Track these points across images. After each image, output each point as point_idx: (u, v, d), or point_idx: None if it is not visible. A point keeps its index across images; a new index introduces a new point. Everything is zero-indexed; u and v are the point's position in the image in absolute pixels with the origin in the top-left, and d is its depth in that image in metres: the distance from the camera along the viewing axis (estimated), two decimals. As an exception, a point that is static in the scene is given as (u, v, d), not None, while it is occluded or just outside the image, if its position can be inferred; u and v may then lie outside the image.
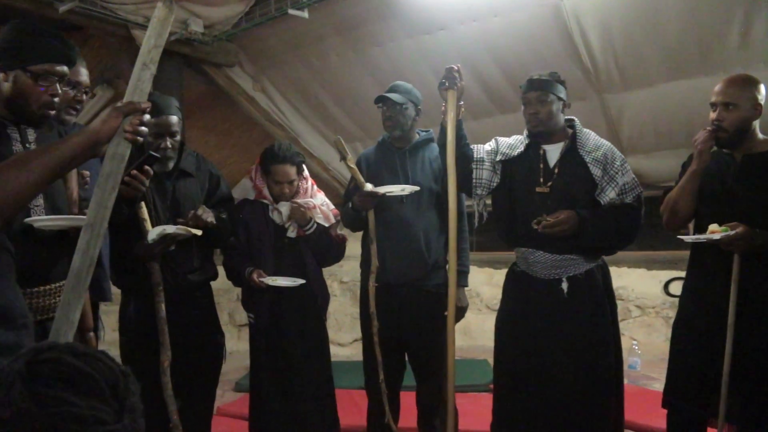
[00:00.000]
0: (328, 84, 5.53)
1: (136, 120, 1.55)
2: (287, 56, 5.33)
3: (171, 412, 2.64)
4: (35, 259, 1.96)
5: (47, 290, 2.01)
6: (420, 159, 3.29)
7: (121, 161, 1.54)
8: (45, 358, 0.79)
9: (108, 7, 4.31)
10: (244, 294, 3.33)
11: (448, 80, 2.86)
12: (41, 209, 2.01)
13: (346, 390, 4.34)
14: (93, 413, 0.75)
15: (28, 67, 1.93)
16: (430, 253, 3.20)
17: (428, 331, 3.20)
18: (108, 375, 0.80)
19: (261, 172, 3.22)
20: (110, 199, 1.51)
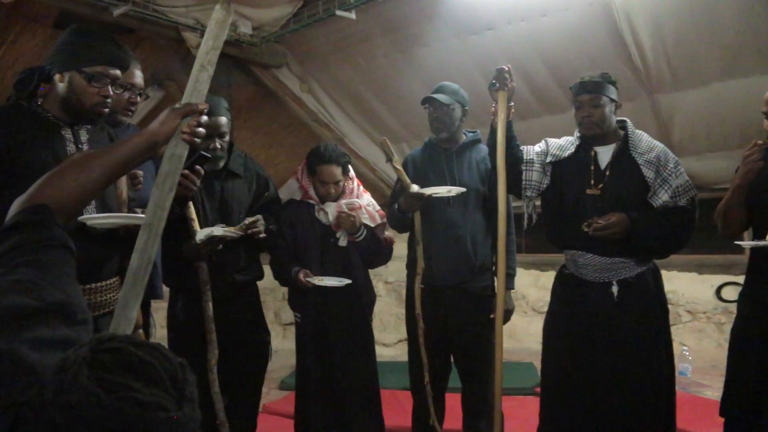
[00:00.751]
0: (374, 85, 5.53)
1: (194, 121, 1.56)
2: (334, 57, 5.35)
3: (218, 409, 2.68)
4: (88, 257, 2.00)
5: (99, 287, 2.06)
6: (467, 160, 3.27)
7: (179, 162, 1.55)
8: (107, 347, 0.80)
9: (159, 10, 4.39)
10: (290, 293, 3.35)
11: (498, 81, 2.84)
12: (92, 208, 2.05)
13: (391, 390, 4.34)
14: (155, 399, 0.76)
15: (83, 69, 2.00)
16: (477, 255, 3.18)
17: (474, 333, 3.18)
18: (166, 365, 0.81)
19: (307, 172, 3.24)
20: (168, 200, 1.53)
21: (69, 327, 1.01)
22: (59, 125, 2.05)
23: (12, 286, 1.03)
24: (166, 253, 2.75)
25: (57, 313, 1.02)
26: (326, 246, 3.20)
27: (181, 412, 0.78)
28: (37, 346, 0.92)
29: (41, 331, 0.96)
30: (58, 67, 2.01)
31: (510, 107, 2.88)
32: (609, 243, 2.69)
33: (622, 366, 2.71)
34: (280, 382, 5.24)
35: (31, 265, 1.12)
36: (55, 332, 0.98)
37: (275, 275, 3.26)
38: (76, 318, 1.04)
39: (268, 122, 6.19)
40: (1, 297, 0.99)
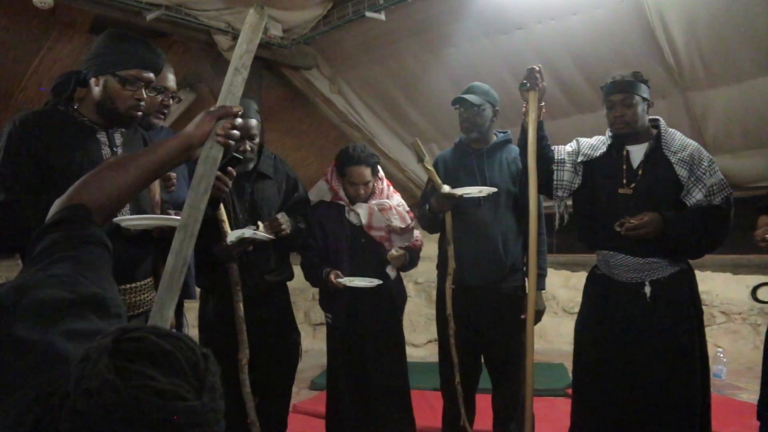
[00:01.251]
0: (404, 85, 5.54)
1: (228, 123, 1.57)
2: (364, 58, 5.36)
3: (249, 409, 2.69)
4: (122, 258, 2.04)
5: (134, 287, 2.09)
6: (497, 160, 3.27)
7: (213, 164, 1.56)
8: (130, 336, 0.81)
9: (191, 14, 4.44)
10: (321, 294, 3.37)
11: (529, 81, 2.82)
12: (127, 210, 2.09)
13: (421, 391, 4.34)
14: (173, 389, 0.77)
15: (117, 72, 2.04)
16: (508, 255, 3.17)
17: (505, 333, 3.17)
18: (189, 355, 0.82)
19: (337, 173, 3.25)
20: (203, 201, 1.54)
21: (102, 320, 1.03)
22: (95, 129, 2.09)
23: (49, 280, 1.06)
24: (197, 254, 2.78)
25: (91, 306, 1.04)
26: (357, 247, 3.21)
27: (200, 401, 0.79)
28: (71, 337, 0.94)
29: (75, 323, 0.98)
30: (94, 71, 2.05)
31: (541, 107, 2.87)
32: (642, 243, 2.66)
33: (655, 368, 2.67)
34: (310, 381, 5.26)
35: (68, 261, 1.15)
36: (89, 325, 1.00)
37: (306, 276, 3.28)
38: (109, 311, 1.06)
39: (298, 123, 6.23)
40: (38, 290, 1.01)
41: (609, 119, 2.80)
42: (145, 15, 4.23)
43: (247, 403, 2.69)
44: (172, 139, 1.55)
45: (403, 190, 3.51)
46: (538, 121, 2.86)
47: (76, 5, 4.08)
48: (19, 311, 0.96)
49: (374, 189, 3.25)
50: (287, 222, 2.83)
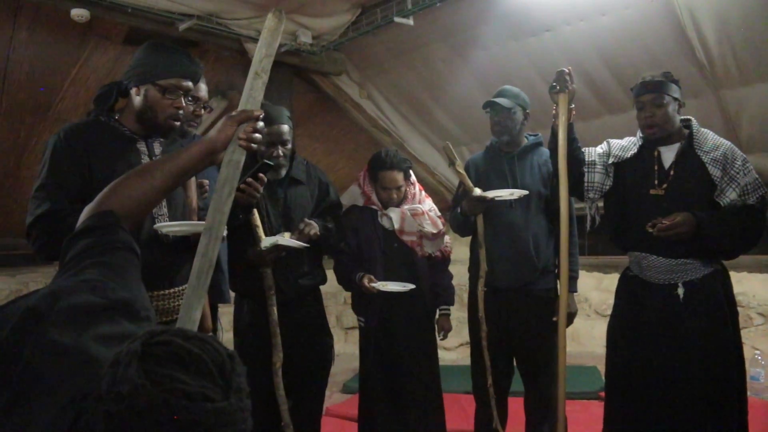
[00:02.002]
0: (433, 89, 5.55)
1: (250, 127, 1.58)
2: (393, 63, 5.38)
3: (282, 411, 2.73)
4: (161, 264, 2.09)
5: (171, 293, 2.13)
6: (528, 163, 3.27)
7: (236, 168, 1.58)
8: (158, 340, 0.84)
9: (222, 23, 4.50)
10: (354, 298, 3.39)
11: (558, 83, 2.82)
12: (165, 217, 2.13)
13: (453, 394, 4.34)
14: (201, 390, 0.80)
15: (158, 82, 2.08)
16: (540, 258, 3.17)
17: (537, 336, 3.17)
18: (215, 357, 0.85)
19: (369, 178, 3.28)
20: (227, 204, 1.56)
21: (132, 323, 1.06)
22: (135, 139, 2.14)
23: (80, 285, 1.09)
24: (232, 259, 2.82)
25: (121, 310, 1.07)
26: (389, 251, 3.23)
27: (228, 402, 0.82)
28: (103, 341, 0.97)
29: (106, 327, 1.02)
30: (135, 81, 2.10)
31: (571, 109, 2.87)
32: (674, 244, 2.64)
33: (690, 370, 2.65)
34: (342, 385, 5.29)
35: (98, 266, 1.18)
36: (119, 328, 1.03)
37: (339, 280, 3.31)
38: (139, 315, 1.10)
39: (329, 129, 6.27)
40: (71, 296, 1.04)
41: (640, 120, 2.79)
42: (178, 25, 4.30)
43: (281, 405, 2.73)
44: (195, 144, 1.58)
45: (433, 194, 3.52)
46: (569, 123, 2.86)
47: (111, 18, 4.16)
48: (53, 317, 0.99)
49: (406, 194, 3.28)
50: (315, 227, 2.85)
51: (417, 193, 3.34)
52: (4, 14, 4.08)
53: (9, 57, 4.43)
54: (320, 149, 6.36)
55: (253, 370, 2.82)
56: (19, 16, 4.16)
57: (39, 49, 4.45)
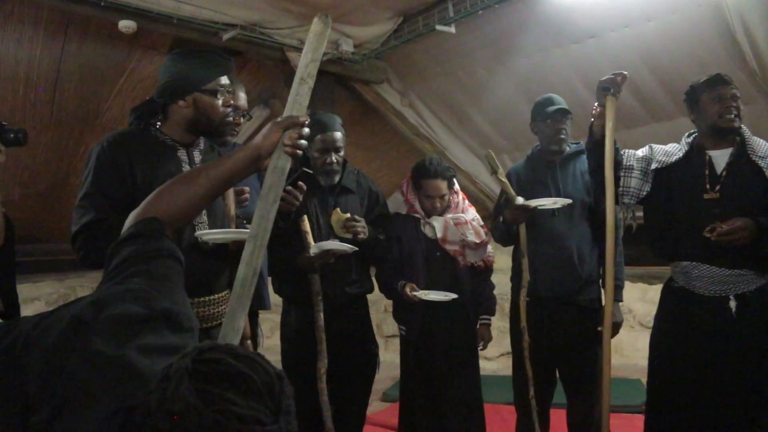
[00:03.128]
0: (475, 97, 5.52)
1: (295, 134, 1.57)
2: (434, 71, 5.38)
3: (325, 417, 2.74)
4: (201, 271, 2.11)
5: (212, 300, 2.14)
6: (571, 171, 3.24)
7: (281, 174, 1.56)
8: (207, 357, 0.84)
9: (265, 32, 4.55)
10: (395, 306, 3.38)
11: (612, 86, 2.71)
12: (205, 225, 2.15)
13: (493, 404, 4.30)
14: (252, 413, 0.79)
15: (203, 88, 2.11)
16: (583, 267, 3.13)
17: (580, 346, 3.12)
18: (264, 377, 0.84)
19: (412, 186, 3.28)
20: (272, 211, 1.54)
21: (175, 334, 1.06)
22: (176, 147, 2.16)
23: (123, 295, 1.09)
24: (280, 265, 2.84)
25: (164, 320, 1.07)
26: (431, 260, 3.22)
27: (277, 426, 0.81)
28: (146, 352, 0.97)
29: (149, 338, 1.01)
30: (179, 94, 2.11)
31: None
32: (728, 252, 2.53)
33: (739, 389, 2.54)
34: (382, 393, 5.28)
35: (141, 275, 1.19)
36: (162, 339, 1.03)
37: (381, 288, 3.30)
38: (182, 325, 1.09)
39: (370, 137, 6.29)
40: (114, 305, 1.05)
41: (713, 113, 2.65)
42: (221, 35, 4.36)
43: (325, 411, 2.74)
44: (240, 151, 1.57)
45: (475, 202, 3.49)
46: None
47: (157, 28, 4.24)
48: (97, 326, 0.99)
49: (450, 202, 3.26)
50: (364, 227, 2.86)
51: (460, 202, 3.32)
52: (55, 27, 4.20)
53: (60, 68, 4.54)
54: (361, 158, 6.37)
55: (298, 376, 2.87)
56: (70, 29, 4.27)
57: (87, 60, 4.56)
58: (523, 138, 5.19)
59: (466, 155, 6.25)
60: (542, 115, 3.21)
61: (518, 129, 5.28)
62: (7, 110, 4.64)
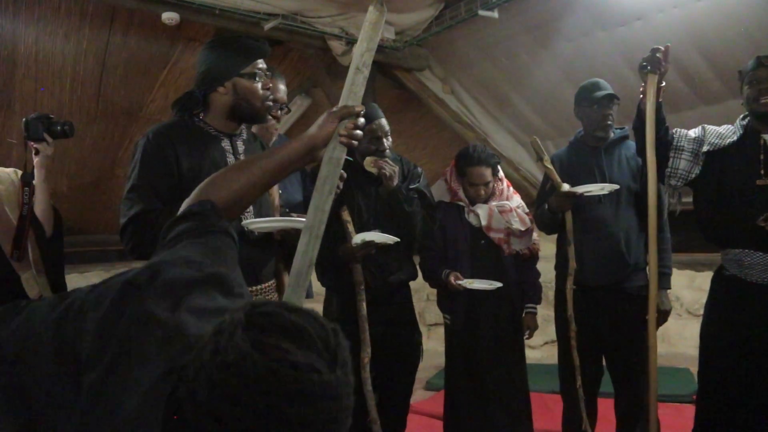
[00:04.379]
0: (517, 83, 5.45)
1: (351, 124, 1.55)
2: (476, 57, 5.32)
3: (370, 407, 2.74)
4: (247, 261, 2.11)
5: (258, 290, 2.15)
6: (617, 157, 3.18)
7: (337, 165, 1.55)
8: (261, 311, 0.83)
9: (306, 21, 4.55)
10: (439, 295, 3.37)
11: (650, 62, 2.71)
12: (251, 214, 2.16)
13: (538, 393, 4.26)
14: (308, 362, 0.78)
15: (242, 72, 2.13)
16: (631, 254, 3.07)
17: (628, 335, 3.07)
18: (320, 330, 0.83)
19: (456, 174, 3.25)
20: (327, 203, 1.53)
21: (226, 298, 1.06)
22: (219, 137, 2.18)
23: (176, 261, 1.11)
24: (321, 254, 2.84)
25: (215, 284, 1.08)
26: (476, 248, 3.19)
27: (334, 375, 0.80)
28: (197, 314, 0.98)
29: (201, 300, 1.02)
30: (218, 81, 2.13)
31: (660, 88, 2.74)
32: None
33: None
34: (426, 382, 5.27)
35: (196, 246, 1.20)
36: (213, 302, 1.03)
37: (425, 277, 3.29)
38: (233, 290, 1.09)
39: (411, 125, 6.26)
40: (166, 270, 1.06)
41: (750, 97, 2.58)
42: (263, 25, 4.37)
43: (369, 401, 2.74)
44: (295, 141, 1.56)
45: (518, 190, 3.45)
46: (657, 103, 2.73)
47: (199, 19, 4.28)
48: (150, 290, 1.00)
49: (494, 190, 3.24)
50: (393, 167, 2.84)
51: (505, 189, 3.29)
52: (100, 21, 4.26)
53: (105, 62, 4.61)
54: (403, 146, 6.35)
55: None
56: (115, 22, 4.33)
57: (132, 53, 4.62)
58: (567, 124, 5.11)
59: (509, 142, 6.17)
60: (588, 101, 3.16)
61: (562, 115, 5.20)
62: (55, 104, 4.73)
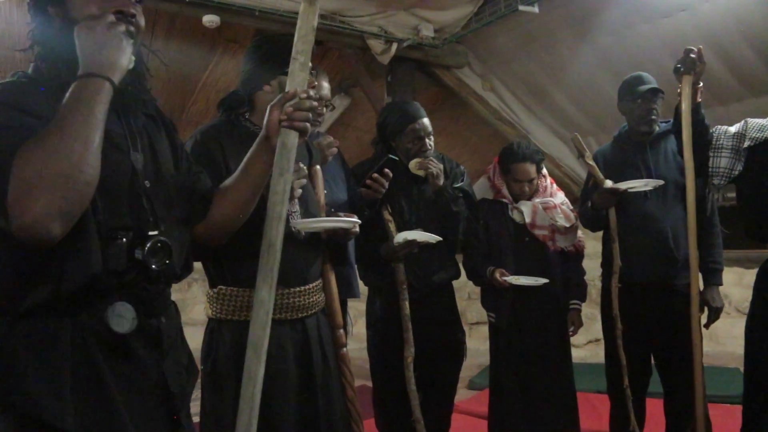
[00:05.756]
0: (558, 78, 5.39)
1: (290, 108, 1.65)
2: (516, 53, 5.27)
3: (413, 405, 2.73)
4: (296, 261, 2.11)
5: (306, 290, 2.13)
6: (662, 151, 3.13)
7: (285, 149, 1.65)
8: None
9: (345, 21, 4.57)
10: (483, 293, 3.34)
11: (683, 64, 2.68)
12: (298, 215, 2.16)
13: (583, 393, 4.19)
14: None
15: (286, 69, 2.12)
16: (679, 250, 3.01)
17: (678, 333, 2.98)
18: None
19: (500, 171, 3.23)
20: (278, 184, 1.63)
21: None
22: None
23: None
24: (364, 253, 2.84)
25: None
26: (520, 245, 3.16)
27: None
28: None
29: None
30: (264, 80, 2.13)
31: (698, 88, 2.72)
32: None
33: None
34: (468, 381, 5.24)
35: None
36: None
37: (468, 275, 3.26)
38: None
39: (451, 123, 6.24)
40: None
41: None
42: (305, 25, 4.40)
43: (412, 400, 2.73)
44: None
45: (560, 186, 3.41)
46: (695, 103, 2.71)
47: (239, 21, 4.32)
48: None
49: (538, 186, 3.20)
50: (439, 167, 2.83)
51: (549, 186, 3.25)
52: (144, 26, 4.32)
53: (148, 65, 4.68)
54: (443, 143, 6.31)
55: (385, 364, 2.85)
56: (157, 27, 4.39)
57: (173, 56, 4.68)
58: (608, 119, 5.03)
59: (550, 138, 6.12)
60: (632, 95, 3.10)
61: (603, 110, 5.13)
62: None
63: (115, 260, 1.35)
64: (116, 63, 1.32)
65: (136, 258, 1.39)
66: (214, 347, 2.04)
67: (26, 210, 1.16)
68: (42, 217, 1.17)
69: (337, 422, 2.13)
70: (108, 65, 1.31)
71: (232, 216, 1.75)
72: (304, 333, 2.11)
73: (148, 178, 1.48)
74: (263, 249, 1.58)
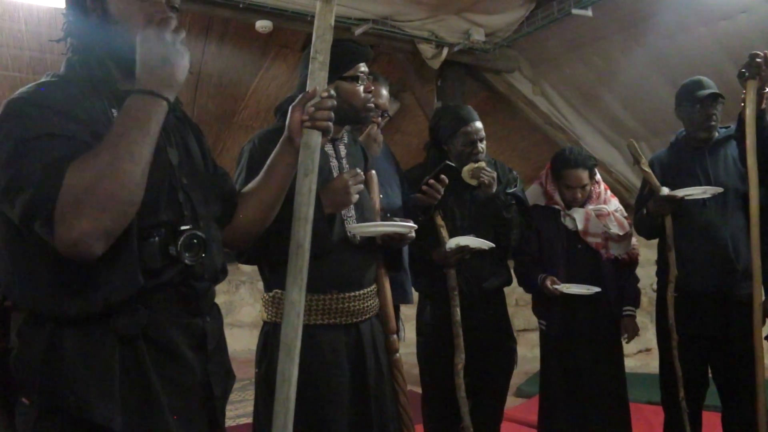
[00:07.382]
0: (611, 83, 5.30)
1: (311, 108, 1.64)
2: (568, 57, 5.20)
3: (463, 412, 2.71)
4: (352, 265, 2.13)
5: (361, 294, 2.14)
6: (722, 157, 3.04)
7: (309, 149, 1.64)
8: None
9: (396, 25, 4.56)
10: (534, 300, 3.30)
11: (748, 69, 2.61)
12: (353, 219, 2.17)
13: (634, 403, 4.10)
14: None
15: (344, 75, 2.14)
16: (740, 259, 2.93)
17: (737, 345, 2.90)
18: None
19: (552, 177, 3.19)
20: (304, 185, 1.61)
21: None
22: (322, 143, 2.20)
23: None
24: (416, 259, 2.84)
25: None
26: (572, 253, 3.11)
27: None
28: None
29: None
30: None
31: (763, 95, 2.64)
32: None
33: None
34: (516, 389, 5.18)
35: None
36: None
37: (520, 282, 3.23)
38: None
39: (501, 128, 6.19)
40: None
41: None
42: (354, 30, 4.41)
43: (462, 407, 2.71)
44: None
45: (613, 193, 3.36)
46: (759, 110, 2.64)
47: (292, 27, 4.36)
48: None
49: (591, 193, 3.15)
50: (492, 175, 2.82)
51: (602, 193, 3.20)
52: (198, 31, 4.41)
53: (201, 70, 4.77)
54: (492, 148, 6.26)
55: (435, 370, 2.84)
56: (210, 32, 4.46)
57: (226, 61, 4.76)
58: (662, 124, 4.94)
59: (601, 144, 6.02)
60: (691, 100, 3.03)
61: (657, 115, 5.04)
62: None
63: (150, 260, 1.34)
64: (175, 80, 1.31)
65: (171, 254, 1.38)
66: (269, 350, 2.06)
67: (72, 227, 1.17)
68: (86, 236, 1.18)
69: (389, 428, 2.13)
70: (167, 83, 1.29)
71: (257, 219, 1.74)
72: (358, 338, 2.12)
73: (183, 175, 1.48)
74: (291, 250, 1.57)
